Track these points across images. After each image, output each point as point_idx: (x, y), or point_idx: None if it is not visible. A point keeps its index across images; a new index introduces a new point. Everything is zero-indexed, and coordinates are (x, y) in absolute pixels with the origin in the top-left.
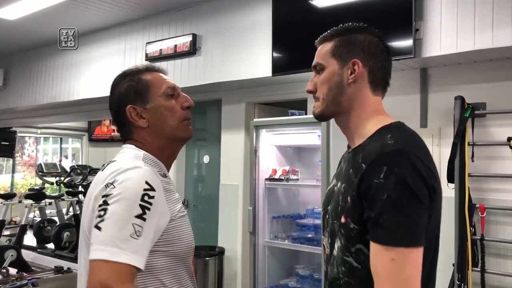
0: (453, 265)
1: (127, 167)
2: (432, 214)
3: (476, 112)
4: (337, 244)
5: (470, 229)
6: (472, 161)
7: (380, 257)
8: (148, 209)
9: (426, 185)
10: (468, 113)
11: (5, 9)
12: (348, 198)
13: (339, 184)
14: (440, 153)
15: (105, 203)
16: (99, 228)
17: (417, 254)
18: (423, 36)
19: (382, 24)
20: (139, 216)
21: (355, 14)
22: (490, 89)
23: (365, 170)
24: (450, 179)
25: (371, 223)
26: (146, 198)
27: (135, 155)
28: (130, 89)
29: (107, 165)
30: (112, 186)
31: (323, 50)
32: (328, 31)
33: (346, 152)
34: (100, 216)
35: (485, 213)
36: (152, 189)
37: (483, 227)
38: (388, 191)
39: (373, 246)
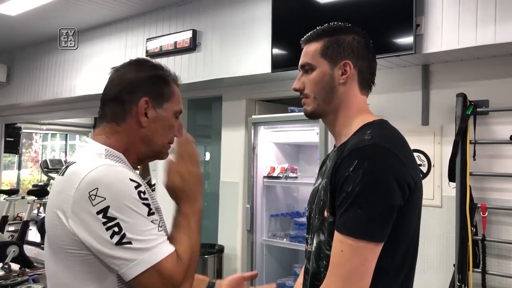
0: (454, 265)
1: (98, 168)
2: (413, 211)
3: (478, 109)
4: (318, 239)
5: (471, 229)
6: (474, 159)
7: (334, 245)
8: (150, 204)
9: (397, 182)
10: (470, 111)
11: (5, 5)
12: (328, 192)
13: (323, 181)
14: (441, 151)
15: (110, 219)
16: (129, 249)
17: (368, 249)
18: (424, 32)
19: (383, 19)
20: (149, 213)
21: (355, 10)
22: (493, 86)
23: (339, 163)
24: (451, 177)
25: (336, 212)
26: (142, 195)
27: (96, 153)
28: (157, 85)
29: (66, 169)
30: (100, 198)
31: (311, 50)
32: (314, 31)
33: (332, 151)
34: (116, 233)
35: (486, 213)
36: (139, 184)
37: (485, 227)
38: (353, 183)
39: (334, 234)
